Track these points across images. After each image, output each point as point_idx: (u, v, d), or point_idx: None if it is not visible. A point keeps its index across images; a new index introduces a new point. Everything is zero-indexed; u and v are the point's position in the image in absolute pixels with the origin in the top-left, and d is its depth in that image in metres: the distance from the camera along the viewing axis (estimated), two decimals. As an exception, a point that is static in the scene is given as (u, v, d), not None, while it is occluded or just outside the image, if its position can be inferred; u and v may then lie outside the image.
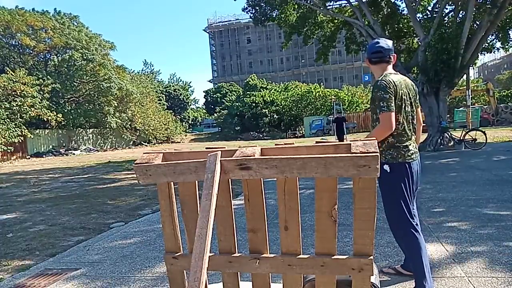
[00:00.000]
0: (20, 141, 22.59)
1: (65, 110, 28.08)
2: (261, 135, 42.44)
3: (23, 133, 22.26)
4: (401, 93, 2.36)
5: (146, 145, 37.93)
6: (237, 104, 46.87)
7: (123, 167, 13.80)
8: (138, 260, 3.52)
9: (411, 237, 2.35)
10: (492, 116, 29.46)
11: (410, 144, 2.40)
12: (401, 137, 2.37)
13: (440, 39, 11.96)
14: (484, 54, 31.60)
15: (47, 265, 3.55)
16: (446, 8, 14.40)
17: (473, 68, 41.85)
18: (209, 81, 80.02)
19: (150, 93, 41.51)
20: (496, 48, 15.81)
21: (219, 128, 54.18)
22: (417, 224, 2.39)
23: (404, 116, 2.38)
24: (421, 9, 15.12)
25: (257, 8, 15.94)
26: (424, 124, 13.20)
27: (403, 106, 2.37)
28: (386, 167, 2.35)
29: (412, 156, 2.38)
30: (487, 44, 14.80)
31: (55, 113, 24.47)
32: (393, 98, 2.31)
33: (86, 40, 31.87)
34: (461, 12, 13.72)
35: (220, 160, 1.62)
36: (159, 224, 4.64)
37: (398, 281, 2.67)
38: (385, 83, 2.33)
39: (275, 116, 42.95)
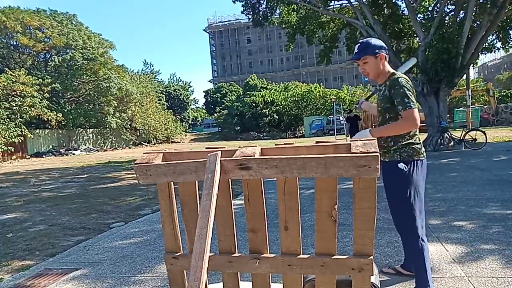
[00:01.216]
0: (20, 141, 22.56)
1: (65, 110, 28.06)
2: (261, 135, 42.47)
3: (23, 133, 22.23)
4: (413, 91, 2.37)
5: (146, 145, 37.92)
6: (237, 104, 46.93)
7: (123, 167, 13.80)
8: (138, 260, 3.52)
9: (418, 239, 2.34)
10: (492, 116, 29.50)
11: (420, 143, 2.42)
12: (415, 135, 2.40)
13: (441, 38, 11.95)
14: (485, 54, 31.63)
15: (47, 265, 3.55)
16: (448, 8, 14.40)
17: (473, 68, 41.87)
18: (209, 81, 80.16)
19: (150, 93, 41.52)
20: (496, 48, 15.82)
21: (219, 128, 54.20)
22: (422, 227, 2.38)
23: None
24: (421, 9, 15.12)
25: (254, 10, 15.89)
26: (424, 124, 13.27)
27: None
28: (401, 165, 2.32)
29: (424, 154, 2.40)
30: (487, 44, 14.81)
31: (55, 113, 24.45)
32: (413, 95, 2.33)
33: (85, 40, 31.79)
34: (461, 12, 13.73)
35: (220, 160, 1.62)
36: (159, 224, 4.64)
37: (398, 281, 2.67)
38: (405, 79, 2.32)
39: (275, 116, 42.99)
